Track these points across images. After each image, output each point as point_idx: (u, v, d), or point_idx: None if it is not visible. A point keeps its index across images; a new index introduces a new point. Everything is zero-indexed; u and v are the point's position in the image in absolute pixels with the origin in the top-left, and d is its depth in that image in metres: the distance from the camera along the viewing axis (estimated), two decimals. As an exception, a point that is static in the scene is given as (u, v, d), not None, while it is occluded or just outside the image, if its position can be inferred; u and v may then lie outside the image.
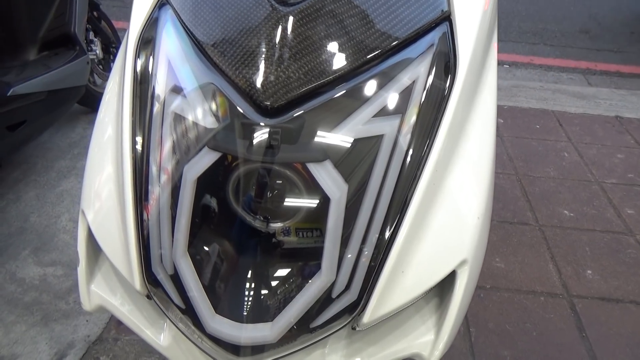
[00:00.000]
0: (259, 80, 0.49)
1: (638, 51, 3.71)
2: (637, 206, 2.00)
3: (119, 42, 2.55)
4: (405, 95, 0.51)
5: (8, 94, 1.65)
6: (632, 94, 2.94)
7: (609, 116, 2.65)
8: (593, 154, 2.32)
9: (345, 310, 0.49)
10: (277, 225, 0.50)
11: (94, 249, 0.58)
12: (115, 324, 1.44)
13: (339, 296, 0.48)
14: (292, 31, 0.51)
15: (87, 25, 2.24)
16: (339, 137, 0.49)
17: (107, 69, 2.50)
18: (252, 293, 0.49)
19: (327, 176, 0.48)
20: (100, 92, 2.39)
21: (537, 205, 1.97)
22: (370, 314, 0.49)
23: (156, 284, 0.50)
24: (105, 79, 2.48)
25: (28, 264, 1.64)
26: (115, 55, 2.53)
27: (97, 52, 2.34)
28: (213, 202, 0.50)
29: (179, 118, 0.51)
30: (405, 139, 0.50)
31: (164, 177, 0.51)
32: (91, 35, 2.32)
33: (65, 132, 2.31)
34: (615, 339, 1.45)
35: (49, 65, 1.89)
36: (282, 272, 0.50)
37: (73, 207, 1.87)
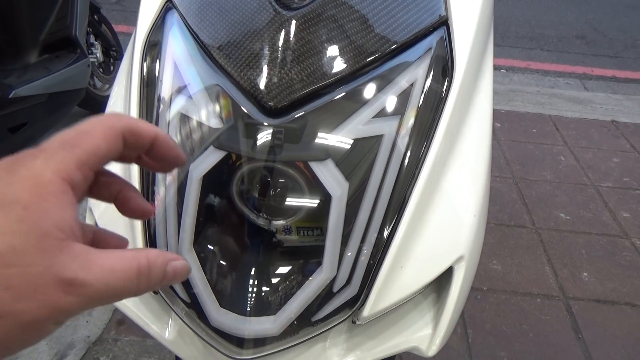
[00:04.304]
0: (262, 82, 0.50)
1: (634, 56, 3.74)
2: (633, 209, 2.02)
3: (119, 46, 2.56)
4: (404, 97, 0.53)
5: (9, 96, 1.66)
6: (627, 98, 2.97)
7: (605, 120, 2.68)
8: (589, 158, 2.34)
9: (346, 305, 0.50)
10: (279, 223, 0.51)
11: (101, 246, 0.60)
12: (115, 325, 1.45)
13: (339, 291, 0.50)
14: (295, 35, 0.53)
15: (88, 29, 2.26)
16: (340, 137, 0.50)
17: (107, 72, 2.51)
18: (255, 289, 0.50)
19: (328, 174, 0.49)
20: (101, 95, 2.41)
21: (533, 208, 1.99)
22: (370, 308, 0.50)
23: (162, 279, 0.52)
24: (106, 81, 2.49)
25: (28, 265, 1.64)
26: (115, 59, 2.54)
27: (98, 55, 2.36)
28: (218, 201, 0.51)
29: (184, 118, 0.53)
30: (403, 139, 0.52)
31: (169, 176, 0.52)
32: (92, 38, 2.34)
33: (66, 135, 2.32)
34: (610, 341, 1.46)
35: (49, 68, 1.91)
36: (284, 269, 0.51)
37: (73, 209, 1.88)
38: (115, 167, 0.58)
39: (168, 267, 0.28)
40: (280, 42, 0.52)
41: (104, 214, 0.57)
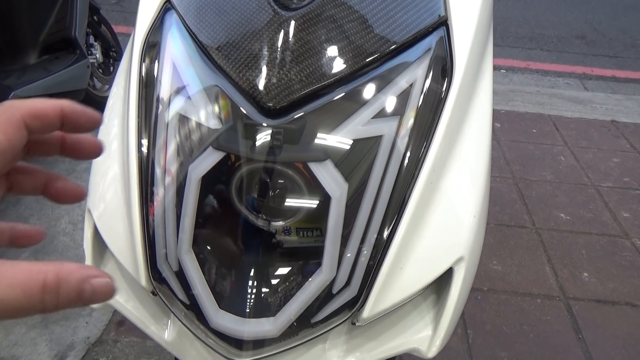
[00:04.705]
0: (261, 83, 0.50)
1: (633, 56, 3.74)
2: (633, 209, 2.02)
3: (118, 46, 2.56)
4: (403, 97, 0.53)
5: (9, 97, 1.66)
6: (627, 98, 2.97)
7: (605, 120, 2.68)
8: (589, 158, 2.34)
9: (346, 306, 0.50)
10: (278, 224, 0.51)
11: (100, 247, 0.60)
12: (115, 326, 1.44)
13: (339, 292, 0.50)
14: (294, 35, 0.52)
15: (87, 30, 2.26)
16: (339, 138, 0.50)
17: (107, 72, 2.51)
18: (254, 290, 0.50)
19: (328, 175, 0.49)
20: (100, 96, 2.40)
21: (533, 208, 1.99)
22: (370, 309, 0.50)
23: (161, 281, 0.52)
24: (105, 82, 2.49)
25: (28, 266, 1.64)
26: (114, 60, 2.54)
27: (97, 56, 2.36)
28: (217, 201, 0.51)
29: (183, 119, 0.52)
30: (403, 140, 0.52)
31: (168, 177, 0.52)
32: (91, 39, 2.34)
33: (65, 136, 2.32)
34: (611, 341, 1.46)
35: (49, 69, 1.91)
36: (284, 270, 0.51)
37: (72, 210, 1.88)
38: (115, 168, 0.58)
39: (85, 285, 0.25)
40: (279, 43, 0.52)
41: (102, 215, 0.56)
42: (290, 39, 0.52)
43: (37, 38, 1.92)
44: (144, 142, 0.54)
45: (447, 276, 0.53)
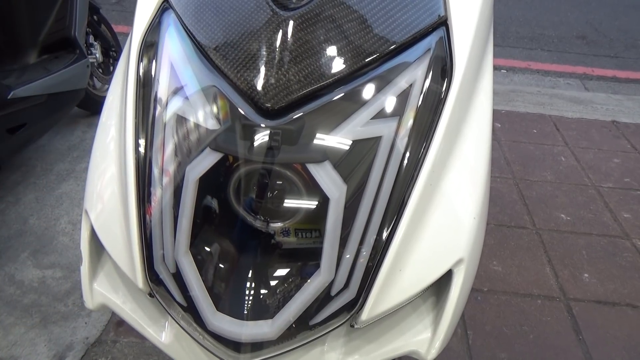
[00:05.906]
0: (260, 83, 0.50)
1: (634, 57, 3.73)
2: (633, 210, 2.01)
3: (118, 46, 2.56)
4: (403, 98, 0.52)
5: (8, 97, 1.66)
6: (628, 99, 2.96)
7: (606, 121, 2.67)
8: (590, 159, 2.34)
9: (344, 308, 0.50)
10: (277, 226, 0.51)
11: (97, 248, 0.59)
12: (114, 326, 1.44)
13: (337, 294, 0.49)
14: (292, 35, 0.52)
15: (87, 29, 2.26)
16: (338, 139, 0.50)
17: (107, 72, 2.51)
18: (252, 292, 0.50)
19: (326, 176, 0.49)
20: (100, 96, 2.40)
21: (534, 209, 1.99)
22: (369, 311, 0.50)
23: (158, 283, 0.51)
24: (105, 82, 2.49)
25: (27, 266, 1.64)
26: (114, 59, 2.54)
27: (97, 55, 2.35)
28: (214, 203, 0.51)
29: (181, 120, 0.52)
30: (402, 140, 0.51)
31: (166, 178, 0.52)
32: (91, 39, 2.34)
33: (65, 135, 2.32)
34: (611, 342, 1.46)
35: (49, 69, 1.90)
36: (282, 271, 0.50)
37: (72, 210, 1.88)
38: (112, 169, 0.57)
39: None
40: (278, 43, 0.52)
41: (99, 216, 0.56)
42: (288, 39, 0.52)
43: (37, 38, 1.91)
44: (142, 142, 0.54)
45: (446, 278, 0.53)
